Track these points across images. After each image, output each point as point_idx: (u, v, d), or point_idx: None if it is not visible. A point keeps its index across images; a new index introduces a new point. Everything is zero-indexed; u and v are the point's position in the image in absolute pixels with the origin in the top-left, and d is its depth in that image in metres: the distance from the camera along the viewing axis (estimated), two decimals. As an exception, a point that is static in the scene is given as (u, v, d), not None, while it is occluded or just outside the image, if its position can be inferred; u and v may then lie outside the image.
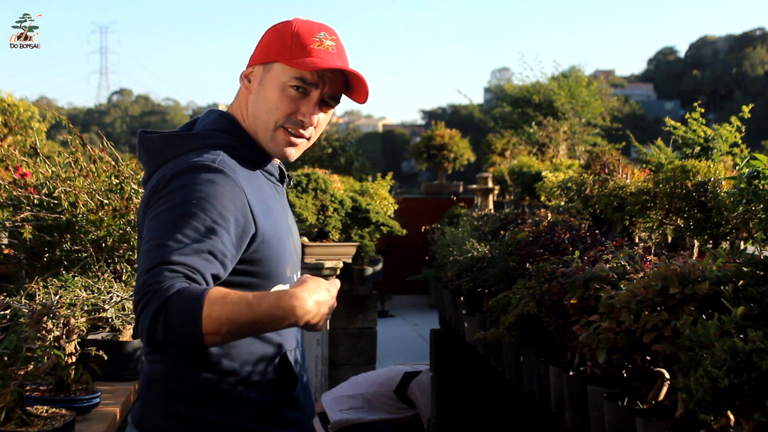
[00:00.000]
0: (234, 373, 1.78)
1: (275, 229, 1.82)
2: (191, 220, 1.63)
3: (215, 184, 1.68)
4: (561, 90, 12.72)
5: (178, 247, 1.59)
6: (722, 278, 2.06)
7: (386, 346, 8.85)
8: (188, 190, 1.67)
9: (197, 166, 1.71)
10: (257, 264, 1.77)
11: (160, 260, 1.57)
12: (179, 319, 1.51)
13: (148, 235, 1.66)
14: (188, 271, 1.57)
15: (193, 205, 1.65)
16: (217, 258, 1.63)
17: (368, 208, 6.36)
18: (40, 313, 2.25)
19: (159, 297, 1.52)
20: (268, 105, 1.83)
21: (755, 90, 47.44)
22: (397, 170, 33.85)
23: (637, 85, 64.69)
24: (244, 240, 1.72)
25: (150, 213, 1.70)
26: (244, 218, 1.71)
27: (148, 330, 1.52)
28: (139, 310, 1.55)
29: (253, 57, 1.88)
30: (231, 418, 1.78)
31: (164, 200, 1.68)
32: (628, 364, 2.52)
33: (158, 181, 1.73)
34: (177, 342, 1.54)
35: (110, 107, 67.75)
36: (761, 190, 2.66)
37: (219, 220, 1.65)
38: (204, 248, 1.61)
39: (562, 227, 3.73)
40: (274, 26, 1.88)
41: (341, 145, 11.97)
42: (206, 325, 1.51)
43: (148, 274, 1.56)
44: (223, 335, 1.53)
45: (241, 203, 1.71)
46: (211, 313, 1.50)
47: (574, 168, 6.61)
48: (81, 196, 3.01)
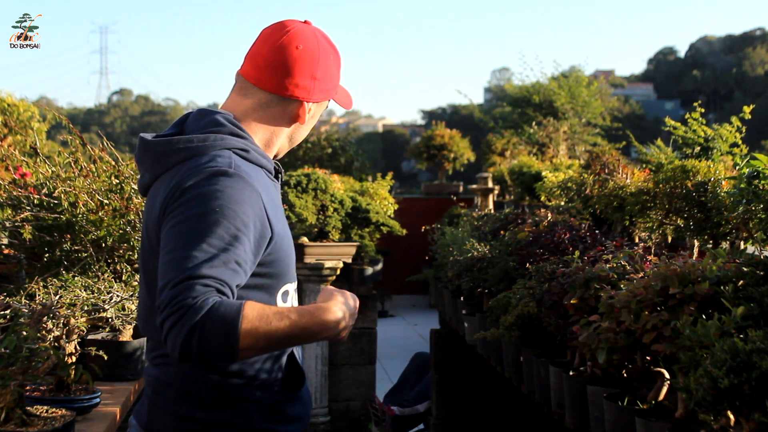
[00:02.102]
0: (243, 375, 1.79)
1: (285, 229, 1.84)
2: (215, 228, 1.63)
3: (235, 191, 1.68)
4: (561, 90, 12.72)
5: (206, 258, 1.59)
6: (722, 278, 2.06)
7: (386, 346, 8.85)
8: (209, 198, 1.66)
9: (214, 173, 1.70)
10: (271, 265, 1.78)
11: (189, 273, 1.57)
12: (216, 336, 1.52)
13: (170, 244, 1.65)
14: (219, 285, 1.58)
15: (215, 213, 1.65)
16: (241, 267, 1.65)
17: (368, 208, 6.36)
18: (40, 313, 2.24)
19: (193, 313, 1.53)
20: (306, 133, 1.97)
21: (755, 90, 47.41)
22: (397, 170, 33.85)
23: (637, 85, 64.66)
24: (261, 245, 1.73)
25: (168, 222, 1.68)
26: (261, 223, 1.72)
27: (182, 346, 1.53)
28: (169, 324, 1.55)
29: (305, 88, 1.87)
30: (243, 419, 1.79)
31: (184, 209, 1.67)
32: (628, 364, 2.52)
33: (174, 189, 1.71)
34: (210, 357, 1.56)
35: (110, 107, 67.71)
36: (761, 190, 2.66)
37: (242, 227, 1.66)
38: (231, 258, 1.62)
39: (562, 227, 3.74)
40: (324, 51, 1.89)
41: (341, 145, 11.97)
42: (243, 341, 1.54)
43: (178, 287, 1.56)
44: (258, 350, 1.58)
45: (259, 207, 1.72)
46: (250, 330, 1.54)
47: (574, 168, 6.61)
48: (81, 196, 3.01)
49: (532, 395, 3.41)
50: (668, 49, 70.42)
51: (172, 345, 1.54)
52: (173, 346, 1.54)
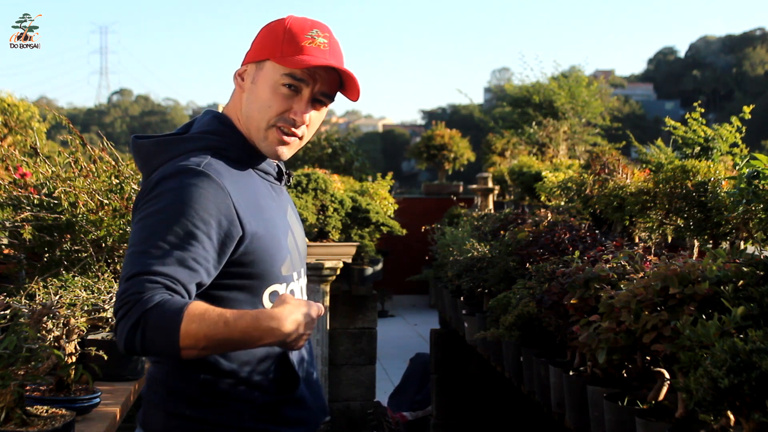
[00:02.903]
0: (234, 374, 1.78)
1: (268, 229, 1.80)
2: (173, 225, 1.64)
3: (198, 188, 1.68)
4: (561, 90, 12.72)
5: (159, 255, 1.60)
6: (722, 278, 2.06)
7: (386, 346, 8.85)
8: (171, 195, 1.67)
9: (181, 170, 1.70)
10: (249, 266, 1.77)
11: (140, 269, 1.59)
12: (157, 332, 1.54)
13: (131, 240, 1.68)
14: (169, 282, 1.59)
15: (174, 210, 1.65)
16: (201, 265, 1.64)
17: (368, 208, 6.36)
18: (40, 313, 2.24)
19: (138, 308, 1.54)
20: (260, 103, 1.82)
21: (755, 90, 47.41)
22: (397, 170, 33.85)
23: (637, 85, 64.66)
24: (227, 244, 1.71)
25: (135, 217, 1.72)
26: (229, 221, 1.70)
27: (126, 339, 1.56)
28: (118, 317, 1.57)
29: (247, 55, 1.87)
30: (233, 418, 1.78)
31: (148, 205, 1.69)
32: (628, 364, 2.52)
33: (144, 186, 1.74)
34: (154, 353, 1.59)
35: (110, 107, 67.68)
36: (761, 190, 2.66)
37: (200, 225, 1.65)
38: (186, 256, 1.62)
39: (562, 227, 3.73)
40: (267, 24, 1.87)
41: (341, 145, 11.96)
42: (183, 340, 1.54)
43: (129, 282, 1.58)
44: (200, 350, 1.57)
45: (226, 206, 1.70)
46: (189, 330, 1.54)
47: (574, 168, 6.62)
48: (81, 196, 3.01)
49: (532, 395, 3.41)
50: (668, 49, 70.46)
51: (119, 338, 1.57)
52: (119, 339, 1.57)
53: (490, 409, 5.65)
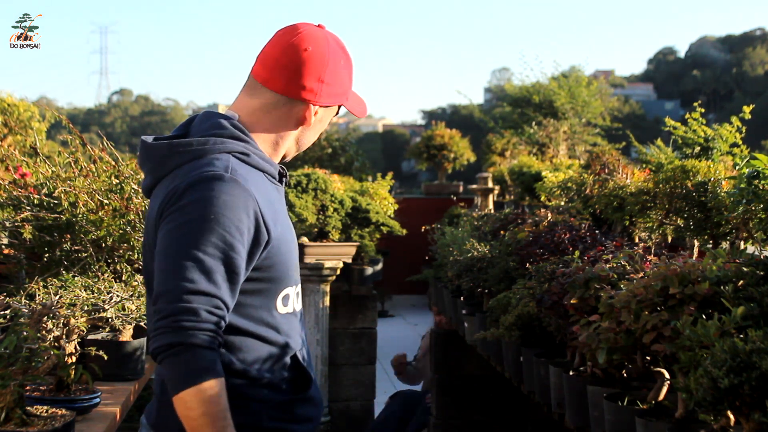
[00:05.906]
0: (246, 375, 1.80)
1: (283, 233, 1.83)
2: (210, 236, 1.66)
3: (230, 196, 1.69)
4: (561, 90, 12.71)
5: (203, 270, 1.65)
6: (722, 278, 2.06)
7: (386, 346, 8.84)
8: (204, 204, 1.68)
9: (210, 177, 1.71)
10: (269, 270, 1.79)
11: (187, 287, 1.63)
12: (175, 369, 1.63)
13: (168, 249, 1.68)
14: (218, 311, 1.66)
15: (210, 220, 1.67)
16: (239, 275, 1.70)
17: (368, 208, 6.36)
18: (40, 313, 2.24)
19: (181, 336, 1.62)
20: (315, 135, 1.95)
21: (755, 90, 47.42)
22: (397, 170, 33.85)
23: (637, 85, 64.68)
24: (255, 252, 1.74)
25: (165, 225, 1.71)
26: (256, 228, 1.73)
27: (154, 349, 1.65)
28: (161, 326, 1.63)
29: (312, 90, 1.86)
30: (252, 418, 1.80)
31: (179, 213, 1.69)
32: (628, 364, 2.52)
33: (171, 193, 1.73)
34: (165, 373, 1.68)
35: (110, 107, 67.66)
36: (761, 190, 2.66)
37: (236, 234, 1.68)
38: (227, 269, 1.67)
39: (562, 227, 3.73)
40: (334, 55, 1.87)
41: (341, 145, 11.95)
42: (187, 394, 1.62)
43: (176, 305, 1.63)
44: (189, 411, 1.64)
45: (254, 212, 1.72)
46: (196, 398, 1.62)
47: (574, 168, 6.61)
48: (81, 196, 3.01)
49: (532, 395, 3.41)
50: (668, 49, 70.49)
51: (152, 342, 1.66)
52: (152, 343, 1.66)
53: (490, 409, 5.66)
